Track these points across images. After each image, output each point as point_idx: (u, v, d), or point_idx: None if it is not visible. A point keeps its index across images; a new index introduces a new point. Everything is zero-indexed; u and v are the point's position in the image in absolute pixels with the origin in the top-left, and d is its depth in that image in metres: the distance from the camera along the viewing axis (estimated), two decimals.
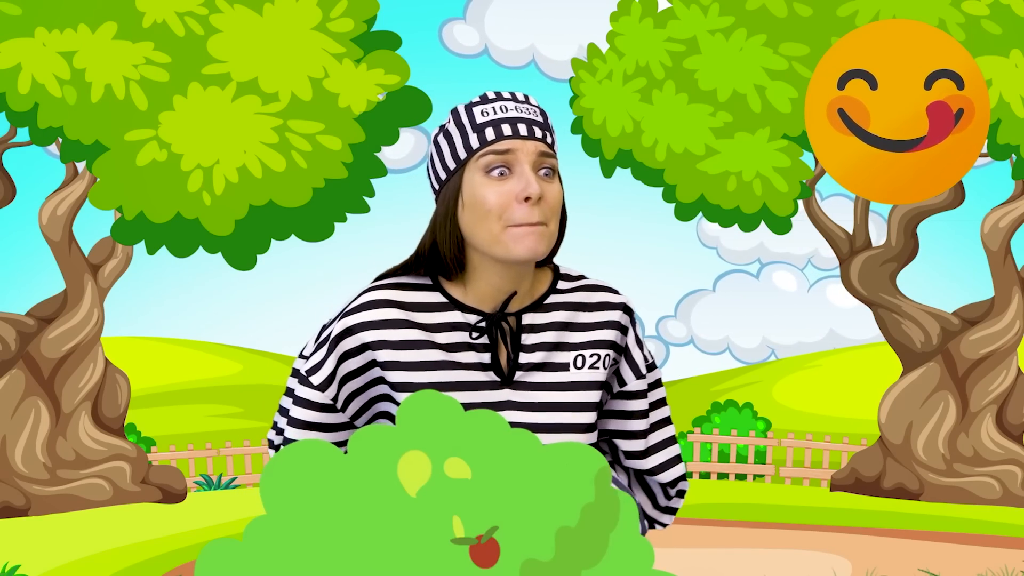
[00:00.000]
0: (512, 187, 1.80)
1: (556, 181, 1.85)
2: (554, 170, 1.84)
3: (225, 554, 1.36)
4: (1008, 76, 7.86)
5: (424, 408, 1.41)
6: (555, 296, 1.97)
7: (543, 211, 1.81)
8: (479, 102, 1.84)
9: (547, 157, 1.83)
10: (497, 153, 1.80)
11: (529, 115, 1.83)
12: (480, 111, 1.83)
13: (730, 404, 10.76)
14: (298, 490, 1.37)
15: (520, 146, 1.80)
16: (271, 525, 1.36)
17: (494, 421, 1.42)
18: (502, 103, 1.83)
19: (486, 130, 1.81)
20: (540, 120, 1.85)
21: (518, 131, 1.80)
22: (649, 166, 8.29)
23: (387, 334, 1.90)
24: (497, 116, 1.81)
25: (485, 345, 1.91)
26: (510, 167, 1.81)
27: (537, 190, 1.78)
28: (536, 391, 1.92)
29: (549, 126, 1.87)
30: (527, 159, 1.81)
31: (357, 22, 7.48)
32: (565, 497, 1.40)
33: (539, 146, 1.82)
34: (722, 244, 13.71)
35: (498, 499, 1.38)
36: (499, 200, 1.80)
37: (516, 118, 1.81)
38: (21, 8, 7.23)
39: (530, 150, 1.81)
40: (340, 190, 7.50)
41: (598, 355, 1.96)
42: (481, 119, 1.82)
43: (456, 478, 1.38)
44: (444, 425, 1.40)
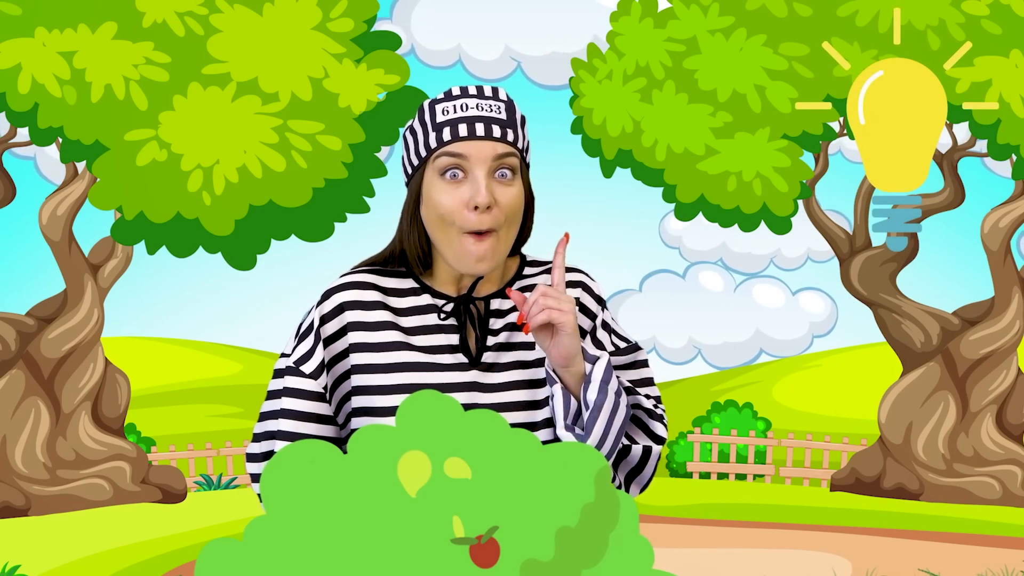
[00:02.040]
0: (464, 192, 1.78)
1: (516, 182, 1.82)
2: (514, 170, 1.82)
3: (225, 554, 1.36)
4: (1008, 76, 7.86)
5: (424, 408, 1.41)
6: (520, 281, 1.97)
7: (495, 218, 1.79)
8: (443, 99, 1.82)
9: (506, 157, 1.80)
10: (451, 155, 1.78)
11: (490, 112, 1.80)
12: (442, 109, 1.80)
13: (730, 404, 10.76)
14: (298, 490, 1.37)
15: (475, 149, 1.78)
16: (271, 525, 1.36)
17: (494, 421, 1.42)
18: (464, 100, 1.80)
19: (444, 130, 1.79)
20: (502, 117, 1.81)
21: (474, 131, 1.78)
22: (649, 166, 8.29)
23: (363, 315, 1.92)
24: (456, 115, 1.79)
25: (453, 327, 1.92)
26: (464, 170, 1.79)
27: (486, 199, 1.76)
28: (502, 371, 1.93)
29: (514, 121, 1.83)
30: (482, 162, 1.78)
31: (357, 22, 7.48)
32: (565, 497, 1.40)
33: (496, 147, 1.79)
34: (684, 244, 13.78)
35: (498, 499, 1.38)
36: (451, 205, 1.79)
37: (475, 117, 1.78)
38: (21, 8, 7.23)
39: (486, 152, 1.78)
40: (340, 190, 7.50)
41: None
42: (441, 117, 1.80)
43: (456, 478, 1.38)
44: (444, 425, 1.40)
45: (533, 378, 1.95)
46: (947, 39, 7.87)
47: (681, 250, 13.83)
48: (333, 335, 1.94)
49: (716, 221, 8.37)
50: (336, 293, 1.95)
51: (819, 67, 8.01)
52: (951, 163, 9.12)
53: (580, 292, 2.00)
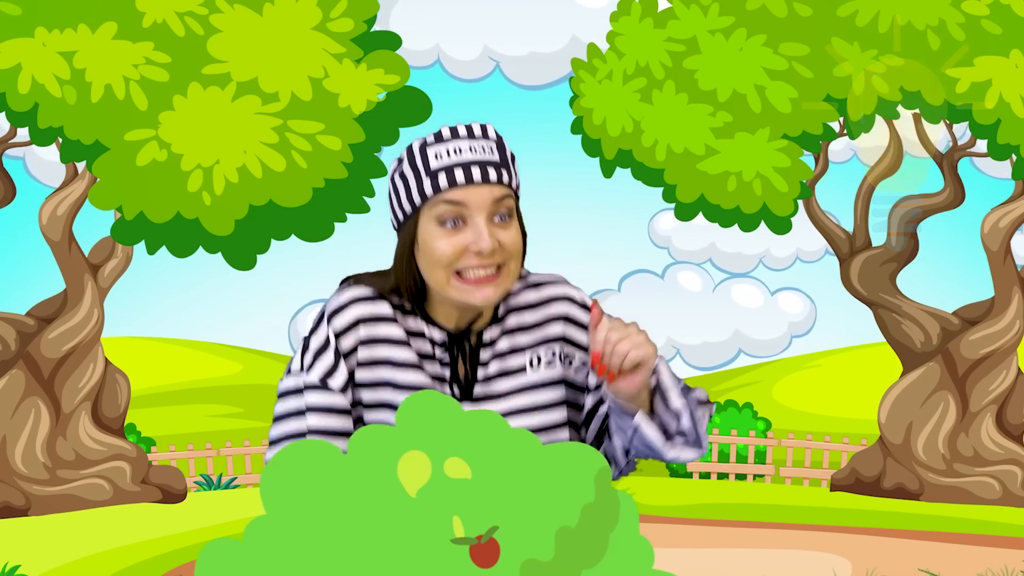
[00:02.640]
0: (465, 238, 1.77)
1: (513, 222, 1.82)
2: (511, 211, 1.81)
3: (225, 554, 1.36)
4: (1008, 76, 7.85)
5: (424, 408, 1.41)
6: (504, 304, 1.94)
7: (500, 256, 1.79)
8: (433, 142, 1.80)
9: (503, 200, 1.79)
10: (450, 203, 1.76)
11: (484, 155, 1.78)
12: (434, 153, 1.77)
13: (730, 404, 10.76)
14: (298, 490, 1.37)
15: (473, 195, 1.76)
16: (271, 525, 1.36)
17: (494, 421, 1.42)
18: (456, 143, 1.78)
19: (439, 176, 1.76)
20: (496, 159, 1.80)
21: (471, 177, 1.76)
22: (649, 166, 8.29)
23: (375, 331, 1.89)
24: (451, 160, 1.76)
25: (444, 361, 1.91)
26: (463, 218, 1.78)
27: (490, 245, 1.75)
28: (497, 401, 1.91)
29: (507, 160, 1.82)
30: (481, 208, 1.77)
31: (357, 22, 7.47)
32: (565, 497, 1.40)
33: (494, 191, 1.77)
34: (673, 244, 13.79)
35: (498, 499, 1.38)
36: (452, 251, 1.78)
37: (470, 162, 1.77)
38: (21, 8, 7.23)
39: (484, 198, 1.77)
40: (340, 190, 7.49)
41: (553, 350, 1.94)
42: (435, 163, 1.77)
43: (456, 478, 1.38)
44: (444, 425, 1.40)
45: (540, 402, 1.93)
46: (947, 39, 7.87)
47: (670, 250, 13.85)
48: (350, 350, 1.89)
49: (716, 221, 8.37)
50: (349, 308, 1.90)
51: (819, 67, 8.01)
52: (951, 163, 9.12)
53: (568, 306, 1.97)
